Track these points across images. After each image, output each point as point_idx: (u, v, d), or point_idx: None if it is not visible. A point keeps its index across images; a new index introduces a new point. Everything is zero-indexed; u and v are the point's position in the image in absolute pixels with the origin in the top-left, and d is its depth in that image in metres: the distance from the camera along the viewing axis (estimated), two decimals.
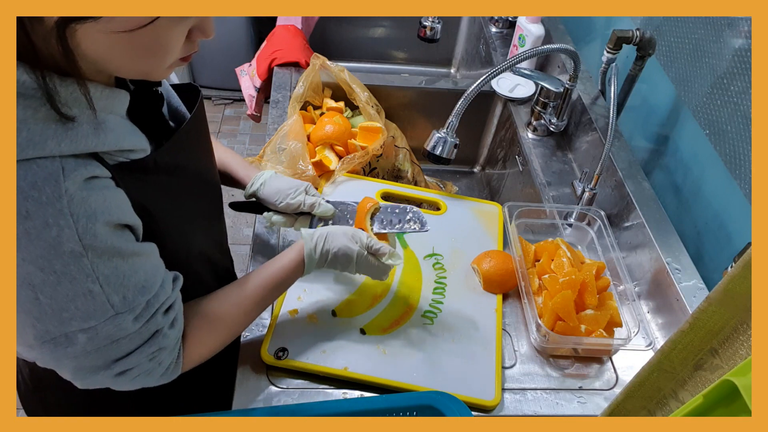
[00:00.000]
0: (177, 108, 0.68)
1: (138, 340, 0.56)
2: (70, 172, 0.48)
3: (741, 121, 0.86)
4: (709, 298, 0.49)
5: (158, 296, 0.57)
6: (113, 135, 0.52)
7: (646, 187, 1.01)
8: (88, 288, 0.50)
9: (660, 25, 1.05)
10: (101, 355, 0.55)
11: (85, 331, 0.52)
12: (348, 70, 1.17)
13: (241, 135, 2.65)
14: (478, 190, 1.46)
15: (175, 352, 0.62)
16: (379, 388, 0.77)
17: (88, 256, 0.49)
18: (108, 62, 0.49)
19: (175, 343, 0.61)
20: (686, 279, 0.87)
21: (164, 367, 0.61)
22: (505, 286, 0.91)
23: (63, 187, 0.47)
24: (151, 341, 0.58)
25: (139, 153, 0.55)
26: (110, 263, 0.52)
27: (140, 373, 0.59)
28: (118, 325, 0.53)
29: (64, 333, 0.51)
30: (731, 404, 0.46)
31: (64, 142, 0.47)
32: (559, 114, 1.20)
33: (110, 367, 0.56)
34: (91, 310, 0.51)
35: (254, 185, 0.84)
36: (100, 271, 0.51)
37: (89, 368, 0.55)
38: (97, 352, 0.54)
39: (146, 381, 0.61)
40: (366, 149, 1.06)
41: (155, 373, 0.61)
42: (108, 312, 0.52)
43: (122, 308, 0.53)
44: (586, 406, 0.79)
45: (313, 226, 0.84)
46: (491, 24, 1.58)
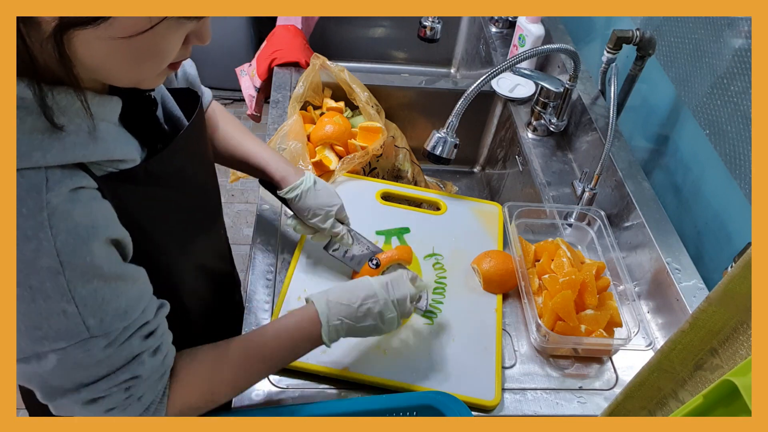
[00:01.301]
0: (172, 111, 0.67)
1: (109, 365, 0.53)
2: (55, 184, 0.46)
3: (741, 121, 0.86)
4: (709, 298, 0.49)
5: (137, 321, 0.54)
6: (104, 144, 0.51)
7: (646, 187, 1.01)
8: (63, 308, 0.48)
9: (660, 25, 1.05)
10: (69, 377, 0.52)
11: (56, 352, 0.49)
12: (348, 70, 1.17)
13: None
14: (478, 190, 1.46)
15: (157, 389, 0.58)
16: (379, 388, 0.77)
17: (65, 274, 0.47)
18: (104, 70, 0.48)
19: (157, 376, 0.57)
20: (686, 279, 0.87)
21: (144, 404, 0.57)
22: (505, 286, 0.91)
23: (44, 200, 0.46)
24: (125, 368, 0.54)
25: (129, 163, 0.54)
26: (89, 285, 0.49)
27: (114, 405, 0.55)
28: (88, 351, 0.51)
29: (36, 353, 0.49)
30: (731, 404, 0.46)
31: (50, 152, 0.46)
32: (559, 114, 1.20)
33: (79, 391, 0.53)
34: (63, 331, 0.49)
35: (290, 194, 0.80)
36: (77, 292, 0.48)
37: (57, 390, 0.52)
38: (65, 372, 0.51)
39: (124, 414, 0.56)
40: (366, 149, 1.06)
41: (133, 409, 0.56)
42: (81, 334, 0.50)
43: (97, 332, 0.50)
44: (586, 406, 0.79)
45: (329, 248, 0.86)
46: (491, 24, 1.58)
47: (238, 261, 0.92)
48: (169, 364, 0.59)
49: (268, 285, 0.88)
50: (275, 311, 0.83)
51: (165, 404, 0.59)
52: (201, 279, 0.74)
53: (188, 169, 0.64)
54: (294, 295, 0.86)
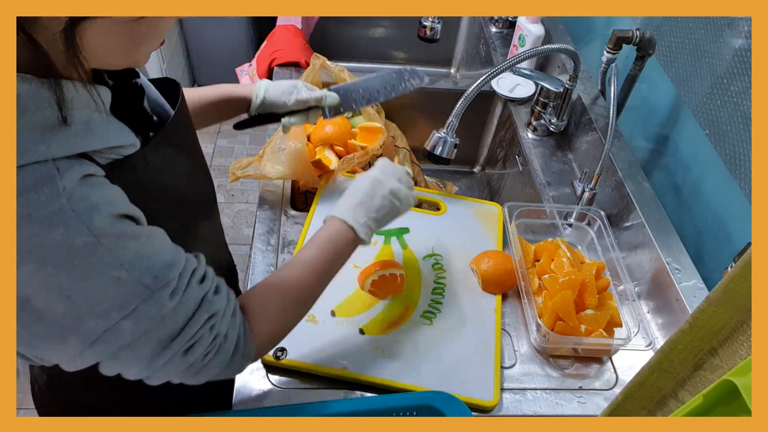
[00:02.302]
0: (156, 100, 0.67)
1: (184, 312, 0.55)
2: (65, 172, 0.47)
3: (741, 121, 0.86)
4: (709, 298, 0.49)
5: (187, 268, 0.56)
6: (102, 132, 0.51)
7: (646, 187, 1.01)
8: (116, 276, 0.49)
9: (660, 25, 1.05)
10: (153, 337, 0.53)
11: (127, 318, 0.50)
12: (348, 70, 1.17)
13: (241, 135, 2.65)
14: (478, 190, 1.46)
15: (236, 324, 0.60)
16: (378, 388, 0.78)
17: (102, 244, 0.48)
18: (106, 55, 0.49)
19: (230, 311, 0.59)
20: (686, 279, 0.87)
21: (231, 341, 0.59)
22: (504, 286, 0.91)
23: (60, 186, 0.46)
24: (199, 311, 0.56)
25: (129, 149, 0.55)
26: (129, 248, 0.50)
27: (207, 348, 0.57)
28: (157, 302, 0.52)
29: (107, 328, 0.50)
30: (731, 404, 0.46)
31: (54, 145, 0.47)
32: (559, 114, 1.20)
33: (169, 346, 0.54)
34: (125, 296, 0.50)
35: (259, 95, 0.85)
36: (120, 258, 0.50)
37: (150, 355, 0.54)
38: (147, 335, 0.52)
39: (220, 358, 0.58)
40: (366, 149, 1.06)
41: (225, 348, 0.58)
42: (143, 293, 0.51)
43: (156, 286, 0.52)
44: (586, 406, 0.79)
45: (326, 116, 0.88)
46: (491, 24, 1.58)
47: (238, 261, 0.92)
48: (235, 301, 0.61)
49: None
50: None
51: (250, 339, 0.62)
52: None
53: (182, 155, 0.65)
54: None
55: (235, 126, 0.87)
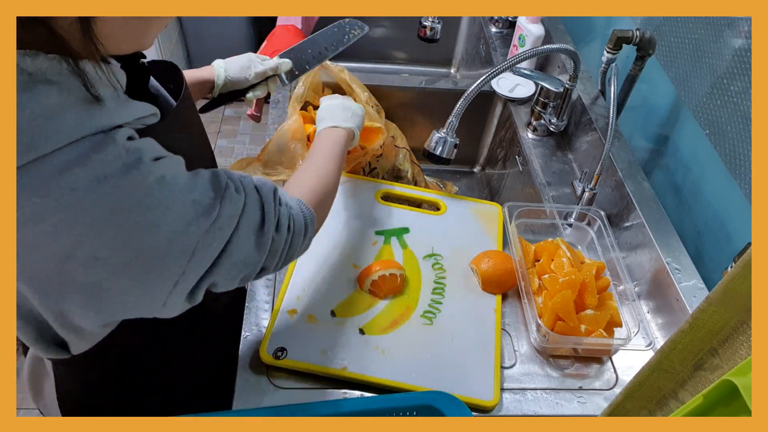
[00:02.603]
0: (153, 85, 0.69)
1: (253, 199, 0.61)
2: (116, 134, 0.50)
3: (741, 121, 0.86)
4: (709, 298, 0.49)
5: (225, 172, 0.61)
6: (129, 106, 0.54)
7: (646, 187, 1.01)
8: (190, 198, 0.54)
9: (660, 25, 1.05)
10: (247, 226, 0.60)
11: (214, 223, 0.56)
12: (348, 70, 1.17)
13: (241, 135, 2.65)
14: (478, 190, 1.46)
15: (287, 199, 0.68)
16: (378, 388, 0.78)
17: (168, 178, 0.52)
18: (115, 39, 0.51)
19: (275, 188, 0.66)
20: (686, 279, 0.87)
21: (298, 213, 0.68)
22: (504, 286, 0.91)
23: (119, 142, 0.50)
24: (261, 194, 0.63)
25: (151, 118, 0.57)
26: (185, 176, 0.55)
27: (288, 221, 0.65)
28: (230, 200, 0.58)
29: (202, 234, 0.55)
30: (731, 404, 0.46)
31: (102, 118, 0.50)
32: (559, 114, 1.20)
33: (263, 230, 0.61)
34: (205, 208, 0.55)
35: (221, 75, 0.90)
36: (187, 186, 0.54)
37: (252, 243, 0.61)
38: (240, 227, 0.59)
39: (299, 229, 0.67)
40: (366, 149, 1.06)
41: (298, 217, 0.67)
42: (216, 199, 0.56)
43: (221, 191, 0.57)
44: (586, 406, 0.79)
45: (285, 82, 0.95)
46: (491, 24, 1.58)
47: None
48: (272, 184, 0.67)
49: (268, 285, 0.88)
50: (275, 311, 0.83)
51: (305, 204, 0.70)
52: None
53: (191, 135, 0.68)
54: (294, 295, 0.86)
55: (201, 110, 0.87)
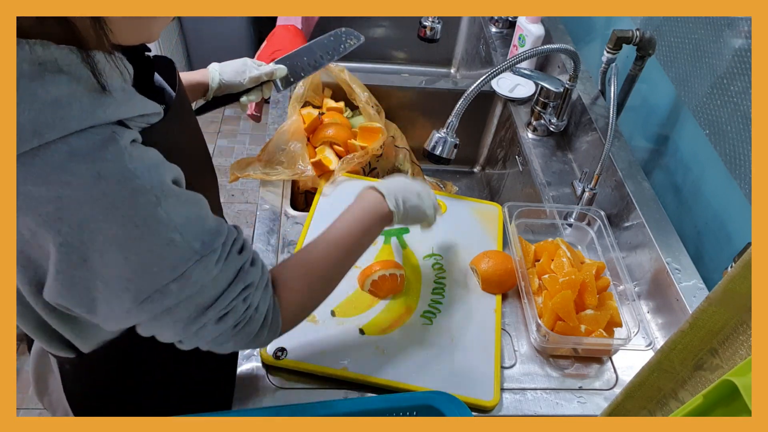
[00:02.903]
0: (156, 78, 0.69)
1: (223, 281, 0.57)
2: (120, 135, 0.50)
3: (741, 121, 0.86)
4: (709, 298, 0.49)
5: (228, 237, 0.58)
6: (136, 101, 0.54)
7: (646, 187, 1.01)
8: (170, 237, 0.52)
9: (660, 25, 1.05)
10: (193, 303, 0.55)
11: (176, 281, 0.53)
12: (348, 70, 1.17)
13: (241, 135, 2.65)
14: (478, 190, 1.46)
15: (267, 297, 0.62)
16: (378, 389, 0.78)
17: (162, 205, 0.51)
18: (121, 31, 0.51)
19: (263, 284, 0.62)
20: (686, 279, 0.87)
21: (261, 313, 0.61)
22: (504, 286, 0.91)
23: (122, 145, 0.49)
24: (236, 280, 0.58)
25: (155, 117, 0.57)
26: (183, 211, 0.53)
27: (238, 319, 0.59)
28: (205, 267, 0.54)
29: (157, 289, 0.52)
30: (731, 404, 0.46)
31: (109, 109, 0.49)
32: (559, 114, 1.20)
33: (204, 313, 0.56)
34: (177, 259, 0.52)
35: (215, 78, 0.89)
36: (175, 220, 0.52)
37: (186, 319, 0.56)
38: (189, 300, 0.55)
39: (248, 330, 0.61)
40: (366, 149, 1.06)
41: (255, 320, 0.61)
42: (193, 257, 0.53)
43: (205, 251, 0.54)
44: (586, 406, 0.79)
45: (280, 88, 0.93)
46: (491, 24, 1.58)
47: None
48: (268, 274, 0.64)
49: None
50: None
51: (279, 313, 0.64)
52: None
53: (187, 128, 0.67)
54: None
55: (196, 112, 0.88)
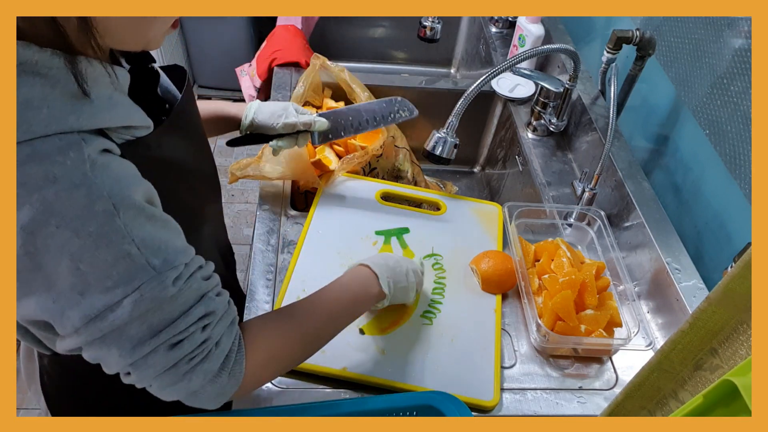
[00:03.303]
0: (168, 88, 0.69)
1: (183, 302, 0.53)
2: (90, 143, 0.49)
3: (741, 121, 0.86)
4: (709, 298, 0.49)
5: (195, 261, 0.55)
6: (122, 111, 0.53)
7: (646, 187, 1.01)
8: (126, 250, 0.49)
9: (660, 25, 1.05)
10: (146, 322, 0.51)
11: (129, 296, 0.50)
12: (348, 70, 1.17)
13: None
14: (478, 190, 1.46)
15: (232, 334, 0.58)
16: (378, 389, 0.78)
17: (120, 216, 0.49)
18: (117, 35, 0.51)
19: (228, 319, 0.58)
20: (686, 279, 0.87)
21: (223, 350, 0.56)
22: (504, 286, 0.91)
23: (86, 152, 0.48)
24: (197, 305, 0.54)
25: (143, 130, 0.56)
26: (144, 227, 0.51)
27: (195, 352, 0.54)
28: (161, 283, 0.51)
29: (109, 305, 0.49)
30: (731, 404, 0.46)
31: (82, 117, 0.49)
32: (559, 114, 1.20)
33: (157, 335, 0.52)
34: (132, 273, 0.50)
35: (248, 116, 0.87)
36: (135, 234, 0.50)
37: (135, 339, 0.52)
38: (141, 318, 0.51)
39: (205, 367, 0.55)
40: (366, 149, 1.06)
41: (214, 356, 0.56)
42: (149, 273, 0.50)
43: (163, 268, 0.51)
44: (586, 406, 0.79)
45: (315, 141, 0.89)
46: (491, 24, 1.58)
47: (239, 261, 0.93)
48: (235, 312, 0.60)
49: (268, 285, 0.88)
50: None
51: (242, 359, 0.59)
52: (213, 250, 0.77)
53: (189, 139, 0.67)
54: (293, 295, 0.86)
55: (228, 143, 0.87)
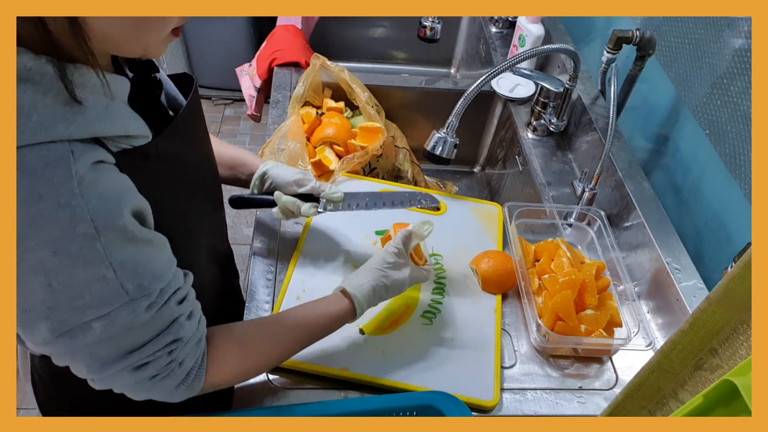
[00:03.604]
0: (174, 97, 0.68)
1: (153, 328, 0.55)
2: (80, 155, 0.48)
3: (741, 121, 0.86)
4: (709, 298, 0.49)
5: (171, 285, 0.56)
6: (119, 120, 0.52)
7: (646, 187, 1.01)
8: (102, 274, 0.50)
9: (660, 25, 1.05)
10: (115, 344, 0.53)
11: (100, 319, 0.51)
12: (348, 70, 1.17)
13: (241, 135, 2.65)
14: (478, 190, 1.46)
15: (196, 354, 0.60)
16: (378, 388, 0.77)
17: (101, 239, 0.49)
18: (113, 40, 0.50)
19: (195, 340, 0.60)
20: (686, 279, 0.87)
21: (185, 369, 0.59)
22: (504, 286, 0.91)
23: (73, 169, 0.47)
24: (166, 331, 0.56)
25: (141, 140, 0.56)
26: (125, 249, 0.51)
27: (159, 371, 0.57)
28: (133, 311, 0.52)
29: (79, 324, 0.50)
30: (731, 404, 0.46)
31: (73, 125, 0.48)
32: (559, 114, 1.20)
33: (125, 358, 0.54)
34: (105, 297, 0.50)
35: (261, 168, 0.85)
36: (113, 257, 0.50)
37: (104, 359, 0.54)
38: (112, 340, 0.53)
39: (166, 383, 0.59)
40: (366, 149, 1.06)
41: (176, 374, 0.59)
42: (123, 298, 0.51)
43: (137, 294, 0.52)
44: (586, 406, 0.79)
45: (324, 209, 0.86)
46: (491, 24, 1.58)
47: (239, 261, 0.93)
48: (203, 331, 0.62)
49: (268, 285, 0.88)
50: (274, 311, 0.83)
51: (203, 374, 0.61)
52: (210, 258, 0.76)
53: (191, 148, 0.66)
54: (293, 295, 0.86)
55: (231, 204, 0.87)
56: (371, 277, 0.74)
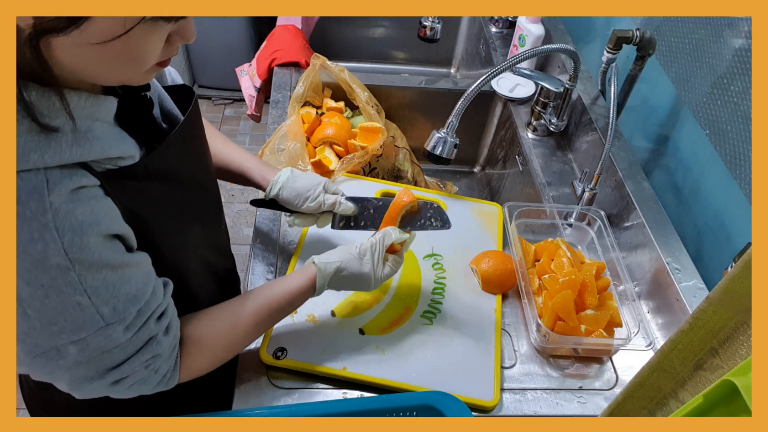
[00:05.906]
0: (170, 110, 0.67)
1: (130, 349, 0.56)
2: (55, 185, 0.47)
3: (741, 121, 0.86)
4: (709, 298, 0.49)
5: (150, 304, 0.57)
6: (99, 143, 0.51)
7: (646, 187, 1.01)
8: (77, 300, 0.50)
9: (660, 25, 1.05)
10: (94, 366, 0.54)
11: (75, 343, 0.52)
12: (348, 70, 1.17)
13: (241, 135, 2.65)
14: (478, 190, 1.46)
15: (171, 360, 0.62)
16: (378, 389, 0.77)
17: (74, 269, 0.49)
18: (87, 72, 0.49)
19: (170, 350, 0.61)
20: (686, 279, 0.87)
21: (161, 374, 0.61)
22: (504, 287, 0.91)
23: (47, 201, 0.46)
24: (144, 349, 0.57)
25: (128, 160, 0.55)
26: (99, 275, 0.51)
27: (136, 381, 0.59)
28: (108, 336, 0.53)
29: (54, 346, 0.51)
30: (731, 404, 0.46)
31: (48, 153, 0.46)
32: (559, 114, 1.20)
33: (104, 376, 0.56)
34: (80, 322, 0.51)
35: (273, 190, 0.83)
36: (88, 284, 0.50)
37: (83, 378, 0.55)
38: (89, 362, 0.54)
39: (142, 389, 0.61)
40: (366, 149, 1.06)
41: (151, 380, 0.60)
42: (98, 323, 0.52)
43: (112, 319, 0.53)
44: (586, 406, 0.79)
45: (335, 224, 0.85)
46: (491, 24, 1.58)
47: (239, 261, 0.92)
48: (178, 337, 0.62)
49: None
50: None
51: (177, 374, 0.63)
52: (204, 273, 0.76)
53: (186, 165, 0.65)
54: None
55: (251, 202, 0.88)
56: (340, 258, 0.74)
